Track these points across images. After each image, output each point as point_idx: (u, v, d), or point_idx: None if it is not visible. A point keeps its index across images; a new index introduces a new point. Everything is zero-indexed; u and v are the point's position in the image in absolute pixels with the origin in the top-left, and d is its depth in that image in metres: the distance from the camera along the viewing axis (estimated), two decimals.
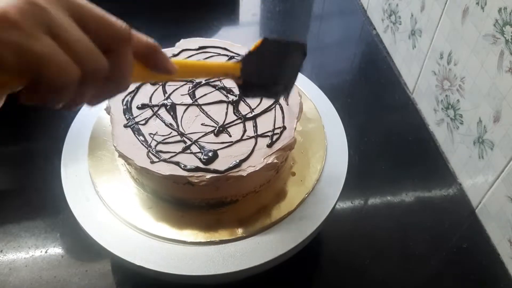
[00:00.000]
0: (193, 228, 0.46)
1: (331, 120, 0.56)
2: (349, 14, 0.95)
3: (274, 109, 0.49)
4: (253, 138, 0.47)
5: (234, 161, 0.44)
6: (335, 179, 0.50)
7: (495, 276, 0.58)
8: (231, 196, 0.47)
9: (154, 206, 0.47)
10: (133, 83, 0.31)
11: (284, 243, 0.45)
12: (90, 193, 0.48)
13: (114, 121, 0.47)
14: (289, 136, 0.47)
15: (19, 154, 0.68)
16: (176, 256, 0.44)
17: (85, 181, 0.49)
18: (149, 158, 0.44)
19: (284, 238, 0.45)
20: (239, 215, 0.47)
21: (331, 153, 0.52)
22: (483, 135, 0.60)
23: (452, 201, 0.65)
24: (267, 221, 0.46)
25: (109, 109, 0.48)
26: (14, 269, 0.55)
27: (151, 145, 0.45)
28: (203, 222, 0.46)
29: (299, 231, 0.46)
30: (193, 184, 0.43)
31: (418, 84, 0.76)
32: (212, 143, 0.46)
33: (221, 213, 0.47)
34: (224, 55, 0.54)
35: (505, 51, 0.54)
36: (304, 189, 0.49)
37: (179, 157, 0.44)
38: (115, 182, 0.49)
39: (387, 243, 0.60)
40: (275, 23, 0.91)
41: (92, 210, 0.47)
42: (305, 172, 0.50)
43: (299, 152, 0.52)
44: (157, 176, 0.43)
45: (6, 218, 0.60)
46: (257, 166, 0.44)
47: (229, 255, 0.44)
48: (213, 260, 0.44)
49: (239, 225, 0.46)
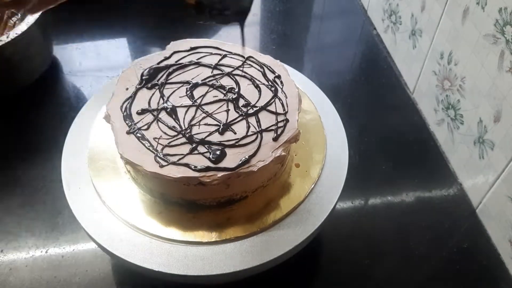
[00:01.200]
0: (205, 228, 0.46)
1: (331, 120, 0.56)
2: (349, 14, 0.95)
3: (274, 103, 0.50)
4: (258, 133, 0.47)
5: (243, 157, 0.45)
6: (336, 178, 0.50)
7: (495, 276, 0.58)
8: (241, 193, 0.48)
9: (163, 211, 0.47)
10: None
11: (285, 242, 0.45)
12: (96, 204, 0.48)
13: (116, 129, 0.47)
14: (293, 128, 0.48)
15: (19, 154, 0.68)
16: (191, 258, 0.44)
17: (90, 192, 0.48)
18: (158, 163, 0.44)
19: (285, 238, 0.46)
20: (249, 211, 0.47)
21: (331, 153, 0.52)
22: (483, 135, 0.60)
23: (453, 201, 0.65)
24: (279, 214, 0.47)
25: (108, 118, 0.48)
26: (15, 269, 0.55)
27: (157, 149, 0.45)
28: (214, 221, 0.46)
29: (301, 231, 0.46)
30: (205, 184, 0.43)
31: (418, 84, 0.76)
32: (218, 142, 0.46)
33: (231, 211, 0.47)
34: (216, 54, 0.54)
35: (505, 51, 0.54)
36: (309, 180, 0.50)
37: (187, 158, 0.44)
38: (120, 190, 0.49)
39: (387, 243, 0.60)
40: (275, 23, 0.91)
41: (101, 223, 0.46)
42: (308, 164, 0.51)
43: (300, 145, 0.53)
44: (167, 180, 0.43)
45: (6, 218, 0.60)
46: (267, 160, 0.45)
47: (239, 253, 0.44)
48: (230, 257, 0.44)
49: (248, 221, 0.46)
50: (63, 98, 0.76)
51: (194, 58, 0.54)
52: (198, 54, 0.54)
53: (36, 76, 0.75)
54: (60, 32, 0.73)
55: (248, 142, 0.46)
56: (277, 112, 0.49)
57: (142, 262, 0.43)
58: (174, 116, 0.48)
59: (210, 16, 0.40)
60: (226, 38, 0.87)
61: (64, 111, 0.73)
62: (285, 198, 0.48)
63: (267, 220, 0.46)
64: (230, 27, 0.92)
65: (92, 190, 0.48)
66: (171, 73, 0.52)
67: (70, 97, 0.77)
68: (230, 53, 0.55)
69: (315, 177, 0.50)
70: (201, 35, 0.86)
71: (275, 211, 0.47)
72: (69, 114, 0.56)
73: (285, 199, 0.48)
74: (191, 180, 0.43)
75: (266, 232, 0.46)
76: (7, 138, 0.70)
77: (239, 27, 0.46)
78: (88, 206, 0.47)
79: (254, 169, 0.44)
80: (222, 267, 0.43)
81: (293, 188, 0.49)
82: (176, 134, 0.46)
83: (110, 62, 0.84)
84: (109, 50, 0.85)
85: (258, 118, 0.48)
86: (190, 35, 0.57)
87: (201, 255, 0.44)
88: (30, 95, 0.74)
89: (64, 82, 0.78)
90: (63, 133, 0.53)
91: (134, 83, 0.51)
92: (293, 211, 0.47)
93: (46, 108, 0.73)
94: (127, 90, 0.50)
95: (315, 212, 0.48)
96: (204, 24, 0.48)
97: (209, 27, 0.88)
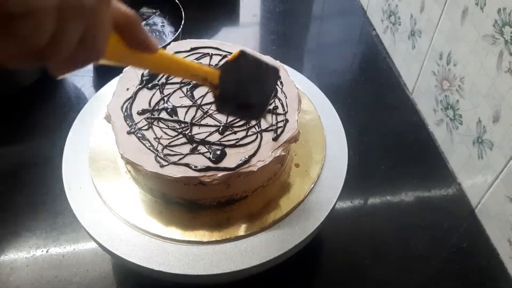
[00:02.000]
0: (205, 227, 0.46)
1: (330, 120, 0.56)
2: (349, 15, 0.96)
3: (274, 103, 0.50)
4: (258, 133, 0.47)
5: (243, 157, 0.45)
6: (335, 178, 0.50)
7: (494, 275, 0.58)
8: (241, 192, 0.48)
9: (164, 211, 0.47)
10: (106, 61, 0.28)
11: (285, 242, 0.45)
12: (97, 203, 0.48)
13: (117, 129, 0.47)
14: (293, 128, 0.48)
15: (19, 154, 0.68)
16: (192, 257, 0.44)
17: (90, 192, 0.49)
18: (158, 162, 0.44)
19: (285, 237, 0.46)
20: (248, 211, 0.48)
21: (330, 153, 0.53)
22: (482, 135, 0.60)
23: (452, 201, 0.65)
24: (278, 213, 0.47)
25: (109, 118, 0.48)
26: (15, 269, 0.55)
27: (157, 149, 0.45)
28: (214, 221, 0.47)
29: (300, 230, 0.46)
30: (205, 184, 0.44)
31: (417, 85, 0.76)
32: (218, 142, 0.46)
33: (231, 211, 0.47)
34: (217, 55, 0.54)
35: (504, 51, 0.54)
36: (309, 179, 0.50)
37: (188, 158, 0.45)
38: (121, 190, 0.49)
39: (387, 243, 0.60)
40: (275, 24, 0.91)
41: (102, 222, 0.46)
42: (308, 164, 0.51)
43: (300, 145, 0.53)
44: (168, 180, 0.43)
45: (7, 218, 0.60)
46: (266, 160, 0.45)
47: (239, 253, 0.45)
48: (230, 257, 0.44)
49: (248, 221, 0.47)
50: (63, 98, 0.77)
51: (193, 58, 0.54)
52: (198, 54, 0.54)
53: (36, 76, 0.75)
54: None
55: (248, 142, 0.46)
56: (277, 112, 0.49)
57: (142, 261, 0.44)
58: (174, 116, 0.48)
59: (233, 109, 0.39)
60: (226, 38, 0.87)
61: (65, 111, 0.73)
62: (285, 198, 0.48)
63: (267, 220, 0.47)
64: (230, 27, 0.92)
65: (93, 190, 0.49)
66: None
67: (70, 97, 0.77)
68: (230, 54, 0.55)
69: (314, 177, 0.50)
70: (202, 35, 0.86)
71: (275, 211, 0.47)
72: (70, 114, 0.56)
73: (285, 199, 0.48)
74: (192, 180, 0.44)
75: (266, 232, 0.46)
76: (7, 138, 0.70)
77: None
78: (88, 205, 0.47)
79: (254, 169, 0.44)
80: (222, 266, 0.44)
81: (293, 188, 0.49)
82: (176, 134, 0.47)
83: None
84: None
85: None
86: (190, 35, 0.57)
87: (201, 254, 0.44)
88: (30, 95, 0.74)
89: (64, 82, 0.78)
90: (64, 133, 0.53)
91: (135, 83, 0.51)
92: (292, 211, 0.48)
93: (47, 108, 0.74)
94: (128, 90, 0.50)
95: (314, 212, 0.48)
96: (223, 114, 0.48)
97: (209, 28, 0.89)
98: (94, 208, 0.47)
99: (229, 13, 0.94)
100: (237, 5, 0.95)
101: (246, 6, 0.94)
